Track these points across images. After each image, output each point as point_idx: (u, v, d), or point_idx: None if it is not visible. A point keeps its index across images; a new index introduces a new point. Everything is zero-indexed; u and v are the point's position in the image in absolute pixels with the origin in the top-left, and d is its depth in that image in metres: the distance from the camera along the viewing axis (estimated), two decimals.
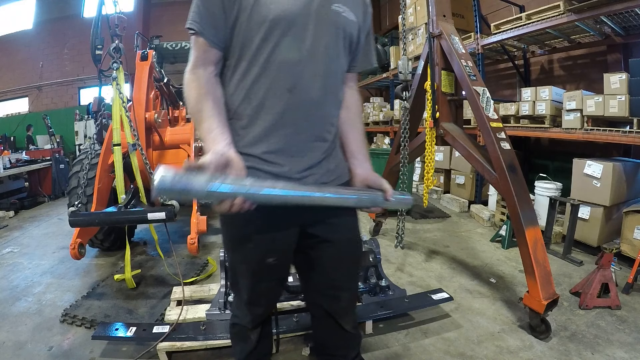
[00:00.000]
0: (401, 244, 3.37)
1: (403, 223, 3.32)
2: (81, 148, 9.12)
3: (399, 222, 3.31)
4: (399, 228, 3.32)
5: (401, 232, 3.33)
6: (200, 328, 2.07)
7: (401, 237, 3.37)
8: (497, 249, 3.59)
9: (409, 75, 3.08)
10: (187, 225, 3.08)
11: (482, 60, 5.14)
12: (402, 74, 3.07)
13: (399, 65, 3.08)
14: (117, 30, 2.65)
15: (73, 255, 2.61)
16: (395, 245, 3.42)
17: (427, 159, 3.07)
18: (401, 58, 3.08)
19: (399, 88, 3.16)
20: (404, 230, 3.33)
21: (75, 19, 10.31)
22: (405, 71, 3.05)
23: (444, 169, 5.79)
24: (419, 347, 2.08)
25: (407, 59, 3.09)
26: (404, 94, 3.12)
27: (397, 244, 3.38)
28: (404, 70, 3.06)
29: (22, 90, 10.97)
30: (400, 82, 3.14)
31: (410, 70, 3.08)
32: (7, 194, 5.88)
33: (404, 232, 3.34)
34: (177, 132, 3.71)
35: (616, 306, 2.39)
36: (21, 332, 2.27)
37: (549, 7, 3.85)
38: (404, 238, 3.42)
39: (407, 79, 3.09)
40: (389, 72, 8.15)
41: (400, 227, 3.31)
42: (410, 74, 3.10)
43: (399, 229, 3.33)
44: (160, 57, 5.43)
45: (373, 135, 9.60)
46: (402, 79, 3.09)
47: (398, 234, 3.35)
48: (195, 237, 2.66)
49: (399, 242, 3.35)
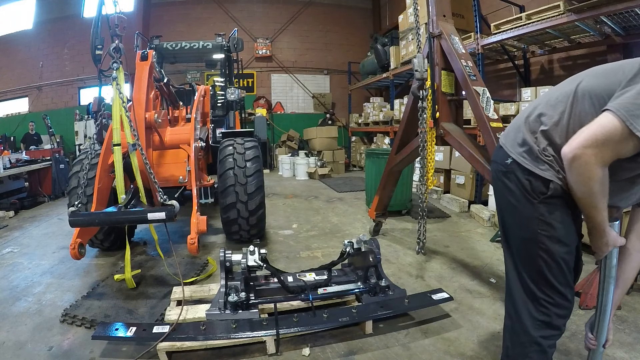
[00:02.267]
0: (423, 249, 3.17)
1: (424, 227, 3.09)
2: (81, 148, 9.12)
3: (420, 226, 3.09)
4: (420, 233, 3.12)
5: (422, 237, 3.13)
6: (200, 328, 2.07)
7: (422, 242, 3.16)
8: (497, 249, 3.59)
9: (425, 73, 2.92)
10: (187, 225, 3.08)
11: (482, 60, 5.14)
12: (418, 72, 2.91)
13: (415, 63, 2.91)
14: (117, 30, 2.64)
15: (73, 255, 2.61)
16: (417, 252, 3.26)
17: (427, 159, 3.07)
18: (416, 56, 2.93)
19: (415, 87, 3.00)
20: (425, 235, 3.12)
21: (75, 19, 10.31)
22: (421, 69, 2.90)
23: (444, 169, 5.80)
24: (419, 347, 2.08)
25: (423, 56, 2.93)
26: (421, 92, 2.95)
27: (418, 250, 3.18)
28: (419, 68, 2.90)
29: (22, 90, 10.97)
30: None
31: (426, 68, 2.92)
32: (7, 194, 5.88)
33: (425, 236, 3.13)
34: (177, 132, 3.71)
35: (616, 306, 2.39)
36: (21, 332, 2.27)
37: (549, 7, 3.85)
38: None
39: (424, 77, 2.93)
40: (389, 72, 8.15)
41: (422, 232, 3.11)
42: (426, 72, 2.93)
43: (420, 234, 3.12)
44: (160, 57, 5.42)
45: (373, 135, 9.61)
46: (419, 77, 2.91)
47: (419, 239, 3.15)
48: (195, 237, 2.65)
49: (420, 247, 3.15)
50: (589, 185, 1.15)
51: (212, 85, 6.00)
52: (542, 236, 1.31)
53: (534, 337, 1.37)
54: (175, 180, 3.47)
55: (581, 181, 1.17)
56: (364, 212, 4.99)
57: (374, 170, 4.94)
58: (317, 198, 6.32)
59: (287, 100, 11.80)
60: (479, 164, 2.64)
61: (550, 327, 1.36)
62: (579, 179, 1.17)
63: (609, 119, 1.09)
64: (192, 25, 10.79)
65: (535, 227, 1.32)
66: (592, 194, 1.17)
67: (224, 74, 5.70)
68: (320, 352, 2.06)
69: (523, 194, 1.33)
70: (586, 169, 1.13)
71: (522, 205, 1.35)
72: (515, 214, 1.39)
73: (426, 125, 2.98)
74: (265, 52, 11.39)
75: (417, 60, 2.92)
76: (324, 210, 5.39)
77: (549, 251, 1.31)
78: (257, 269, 2.40)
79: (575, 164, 1.15)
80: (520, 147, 1.36)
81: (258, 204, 3.47)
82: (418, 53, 3.00)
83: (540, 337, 1.36)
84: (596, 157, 1.11)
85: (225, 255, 2.40)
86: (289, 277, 2.52)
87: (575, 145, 1.14)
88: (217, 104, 5.44)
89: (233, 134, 4.06)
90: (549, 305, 1.34)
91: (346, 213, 5.21)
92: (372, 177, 4.98)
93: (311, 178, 8.54)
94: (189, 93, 4.95)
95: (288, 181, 8.36)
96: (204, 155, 4.18)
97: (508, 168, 1.39)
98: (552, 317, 1.35)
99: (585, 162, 1.12)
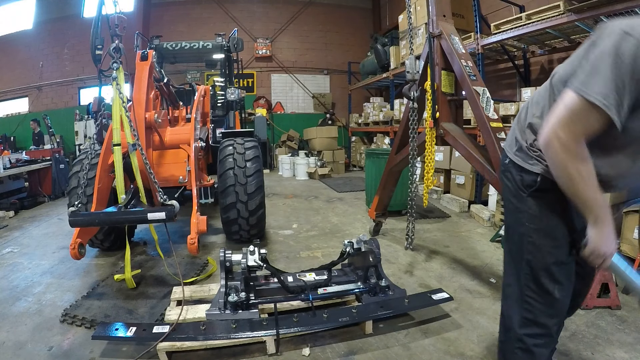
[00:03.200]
0: (411, 245, 3.32)
1: (413, 225, 3.24)
2: (81, 148, 9.12)
3: (409, 223, 3.23)
4: (409, 229, 3.25)
5: (411, 233, 3.26)
6: (200, 328, 2.07)
7: (411, 238, 3.28)
8: (497, 249, 3.59)
9: (416, 74, 3.00)
10: (187, 225, 3.08)
11: (482, 60, 5.14)
12: (409, 74, 2.99)
13: (407, 64, 2.99)
14: (117, 30, 2.64)
15: (73, 255, 2.61)
16: (405, 247, 3.37)
17: (427, 159, 3.07)
18: (408, 57, 2.99)
19: (406, 87, 3.07)
20: (413, 231, 3.26)
21: (75, 19, 10.30)
22: (412, 70, 2.97)
23: (444, 169, 5.80)
24: (419, 347, 2.08)
25: (415, 57, 3.00)
26: (412, 93, 3.03)
27: (407, 245, 3.31)
28: (411, 70, 2.97)
29: (22, 90, 10.97)
30: (406, 82, 3.08)
31: (418, 69, 3.00)
32: (7, 194, 5.89)
33: (414, 233, 3.27)
34: (177, 132, 3.71)
35: (616, 306, 2.39)
36: (21, 332, 2.27)
37: (549, 7, 3.85)
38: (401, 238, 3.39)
39: (415, 78, 3.00)
40: (389, 72, 8.16)
41: (410, 228, 3.24)
42: (418, 73, 3.01)
43: (409, 230, 3.25)
44: (160, 57, 5.42)
45: (373, 135, 9.61)
46: (410, 78, 3.00)
47: (408, 235, 3.27)
48: (195, 237, 2.65)
49: (409, 243, 3.29)
50: (566, 171, 1.14)
51: (212, 85, 6.00)
52: (530, 229, 1.32)
53: (518, 334, 1.37)
54: (175, 180, 3.47)
55: (558, 166, 1.16)
56: (364, 212, 4.99)
57: (374, 170, 4.94)
58: (317, 198, 6.32)
59: (287, 100, 11.80)
60: (478, 164, 2.64)
61: (536, 325, 1.34)
62: (556, 164, 1.16)
63: (568, 96, 1.11)
64: (192, 25, 10.78)
65: (525, 220, 1.33)
66: (572, 179, 1.14)
67: (224, 74, 5.70)
68: (320, 352, 2.06)
69: (516, 189, 1.36)
70: (560, 151, 1.12)
71: (515, 200, 1.37)
72: (511, 210, 1.41)
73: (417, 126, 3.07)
74: (265, 52, 11.39)
75: (408, 61, 3.00)
76: (324, 210, 5.39)
77: (536, 244, 1.31)
78: (257, 269, 2.40)
79: (550, 151, 1.15)
80: (514, 146, 1.39)
81: (258, 204, 3.47)
82: (410, 55, 3.05)
83: (525, 334, 1.35)
84: (567, 137, 1.10)
85: (225, 255, 2.40)
86: (289, 277, 2.52)
87: (545, 131, 1.15)
88: (217, 104, 5.44)
89: (233, 134, 4.06)
90: (533, 302, 1.33)
91: (346, 213, 5.21)
92: (372, 177, 4.98)
93: (311, 178, 8.54)
94: (189, 93, 4.95)
95: (288, 181, 8.36)
96: (204, 155, 4.18)
97: (506, 167, 1.42)
98: (537, 314, 1.33)
99: (558, 146, 1.12)
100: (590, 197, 1.15)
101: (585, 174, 1.13)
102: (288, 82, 11.76)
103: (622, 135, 1.11)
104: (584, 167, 1.13)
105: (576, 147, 1.11)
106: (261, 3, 11.41)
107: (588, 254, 1.22)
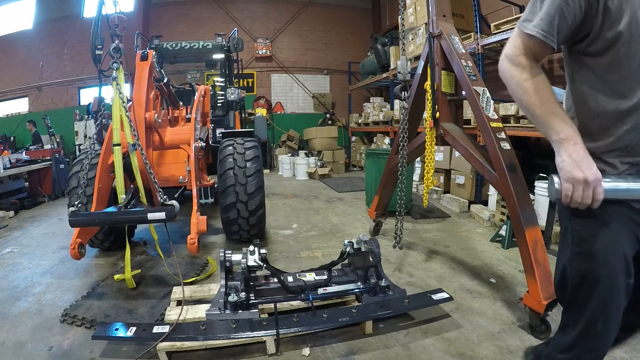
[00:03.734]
0: (399, 244, 3.37)
1: (401, 223, 3.30)
2: (81, 148, 9.12)
3: (398, 222, 3.30)
4: (397, 228, 3.30)
5: (400, 232, 3.31)
6: (200, 328, 2.07)
7: (399, 237, 3.34)
8: (497, 249, 3.59)
9: (407, 75, 3.06)
10: (187, 225, 3.08)
11: (482, 60, 5.14)
12: (400, 74, 3.06)
13: (398, 65, 3.06)
14: (117, 30, 2.64)
15: (73, 255, 2.61)
16: (393, 246, 3.41)
17: (427, 159, 3.07)
18: (400, 58, 3.06)
19: (397, 88, 3.15)
20: (402, 230, 3.32)
21: (75, 19, 10.30)
22: (404, 71, 3.03)
23: (444, 169, 5.80)
24: (419, 347, 2.08)
25: (406, 59, 3.07)
26: (403, 94, 3.10)
27: (395, 244, 3.38)
28: (402, 71, 3.04)
29: (22, 90, 10.97)
30: (400, 82, 3.13)
31: (409, 70, 3.07)
32: (7, 194, 5.88)
33: (402, 232, 3.33)
34: (177, 132, 3.71)
35: None
36: (21, 332, 2.27)
37: None
38: (403, 238, 3.42)
39: (406, 79, 3.07)
40: (389, 72, 8.16)
41: (399, 227, 3.30)
42: (409, 74, 3.08)
43: (397, 229, 3.31)
44: (160, 57, 5.42)
45: (373, 135, 9.61)
46: (401, 79, 3.07)
47: (396, 234, 3.33)
48: (195, 237, 2.66)
49: (397, 242, 3.36)
50: (520, 85, 1.18)
51: (212, 85, 6.00)
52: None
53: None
54: (175, 180, 3.47)
55: (511, 83, 1.22)
56: (364, 212, 4.99)
57: (374, 170, 4.94)
58: (317, 198, 6.32)
59: (287, 100, 11.80)
60: (478, 164, 2.64)
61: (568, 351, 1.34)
62: (509, 82, 1.22)
63: (513, 33, 1.24)
64: (192, 25, 10.78)
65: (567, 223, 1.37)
66: (526, 92, 1.17)
67: (224, 74, 5.70)
68: (320, 352, 2.06)
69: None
70: (510, 67, 1.21)
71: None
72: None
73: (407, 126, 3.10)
74: (265, 52, 11.39)
75: (400, 62, 3.04)
76: (324, 210, 5.39)
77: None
78: (257, 269, 2.40)
79: (503, 73, 1.24)
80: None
81: (258, 204, 3.47)
82: (402, 56, 3.09)
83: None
84: (513, 51, 1.20)
85: (225, 255, 2.40)
86: (289, 277, 2.52)
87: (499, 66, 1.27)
88: (217, 104, 5.44)
89: (233, 134, 4.06)
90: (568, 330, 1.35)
91: (346, 213, 5.21)
92: (372, 177, 4.98)
93: (311, 178, 8.54)
94: (189, 93, 4.95)
95: (288, 181, 8.35)
96: (204, 155, 4.18)
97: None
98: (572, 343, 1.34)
99: (507, 63, 1.22)
100: (548, 111, 1.13)
101: (539, 87, 1.16)
102: (288, 82, 11.76)
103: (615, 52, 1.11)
104: (537, 80, 1.17)
105: (524, 60, 1.18)
106: (261, 3, 11.41)
107: (567, 192, 1.07)
